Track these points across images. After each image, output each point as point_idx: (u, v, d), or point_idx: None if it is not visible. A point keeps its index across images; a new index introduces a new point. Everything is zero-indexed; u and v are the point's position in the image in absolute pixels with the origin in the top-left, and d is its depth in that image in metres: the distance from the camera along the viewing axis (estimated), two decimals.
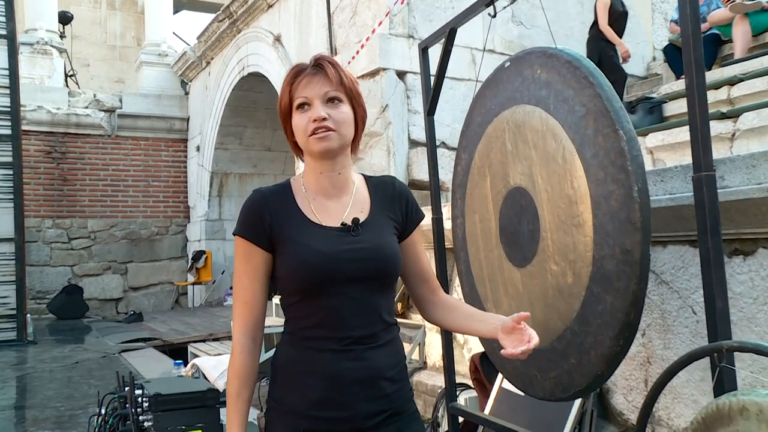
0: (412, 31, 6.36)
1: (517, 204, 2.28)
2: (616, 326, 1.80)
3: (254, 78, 9.82)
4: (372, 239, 1.56)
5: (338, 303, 1.50)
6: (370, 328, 1.53)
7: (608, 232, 1.82)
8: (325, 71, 1.55)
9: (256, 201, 1.58)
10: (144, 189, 12.60)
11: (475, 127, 2.58)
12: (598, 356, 1.85)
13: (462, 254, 2.73)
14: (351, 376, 1.50)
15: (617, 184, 1.78)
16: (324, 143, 1.53)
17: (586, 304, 1.91)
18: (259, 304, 1.59)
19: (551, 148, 2.06)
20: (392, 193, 1.67)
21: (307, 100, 1.54)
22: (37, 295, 11.47)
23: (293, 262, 1.52)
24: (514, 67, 2.30)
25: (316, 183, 1.60)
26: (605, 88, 1.83)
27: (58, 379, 6.21)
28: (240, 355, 1.56)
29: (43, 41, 12.31)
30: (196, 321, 9.74)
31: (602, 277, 1.84)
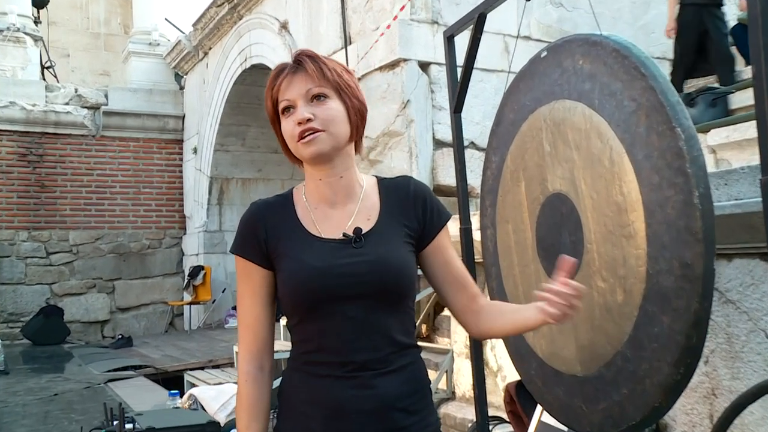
0: (436, 17, 6.39)
1: (557, 212, 2.28)
2: (675, 351, 1.79)
3: (258, 70, 9.89)
4: (376, 251, 1.57)
5: (337, 324, 1.53)
6: (378, 352, 1.54)
7: (664, 244, 1.81)
8: (305, 67, 1.57)
9: (251, 214, 1.63)
10: (134, 196, 12.70)
11: (507, 125, 2.58)
12: (655, 385, 1.85)
13: (493, 269, 2.73)
14: (355, 406, 1.52)
15: (674, 189, 1.78)
16: (313, 147, 1.55)
17: (639, 326, 1.91)
18: (264, 328, 1.62)
19: (596, 149, 2.07)
20: (407, 195, 1.67)
21: (290, 103, 1.57)
22: (9, 317, 11.56)
23: (287, 279, 1.56)
24: (552, 57, 2.31)
25: (316, 191, 1.63)
26: (659, 79, 1.83)
27: (33, 414, 6.23)
28: (245, 384, 1.60)
29: (15, 27, 12.44)
30: (194, 346, 9.80)
31: (658, 295, 1.84)
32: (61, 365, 9.21)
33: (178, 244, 12.95)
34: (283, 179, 12.21)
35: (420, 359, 1.64)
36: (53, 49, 15.18)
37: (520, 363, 2.61)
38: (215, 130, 11.59)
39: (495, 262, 2.70)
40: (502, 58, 6.60)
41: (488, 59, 6.37)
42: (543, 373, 2.42)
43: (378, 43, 6.38)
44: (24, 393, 7.17)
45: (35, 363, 9.40)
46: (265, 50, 9.33)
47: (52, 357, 9.94)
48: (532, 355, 2.47)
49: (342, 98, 1.58)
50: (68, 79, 15.22)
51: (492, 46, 6.44)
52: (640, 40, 7.07)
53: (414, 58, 6.23)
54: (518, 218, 2.50)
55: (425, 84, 6.28)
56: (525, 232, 2.47)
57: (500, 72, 6.57)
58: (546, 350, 2.39)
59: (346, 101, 1.59)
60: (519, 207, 2.49)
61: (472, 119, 6.19)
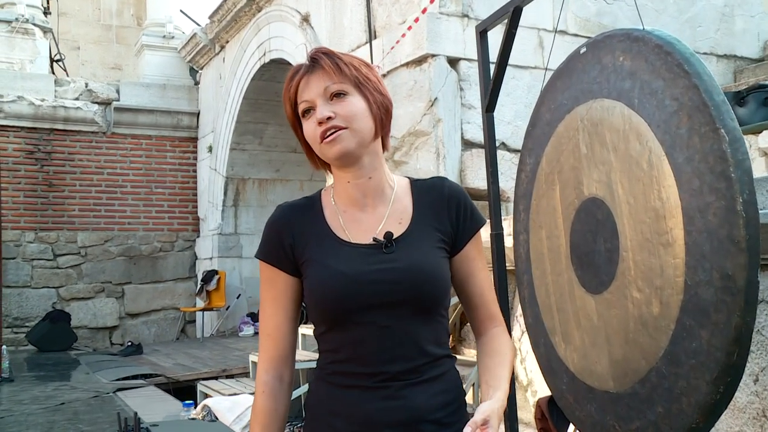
0: (466, 10, 6.40)
1: (593, 218, 2.28)
2: (714, 368, 1.79)
3: (277, 65, 9.94)
4: (408, 256, 1.58)
5: (367, 333, 1.55)
6: (410, 362, 1.56)
7: (704, 254, 1.81)
8: (321, 65, 1.59)
9: (277, 218, 1.65)
10: (145, 197, 12.80)
11: (543, 125, 2.59)
12: (692, 405, 1.84)
13: (525, 277, 2.74)
14: (384, 418, 1.53)
15: (716, 194, 1.78)
16: (337, 145, 1.56)
17: (676, 340, 1.90)
18: (286, 337, 1.65)
19: (635, 151, 2.07)
20: (440, 197, 1.68)
21: (309, 104, 1.59)
22: (14, 322, 11.63)
23: (314, 286, 1.58)
24: (591, 54, 2.32)
25: (345, 194, 1.65)
26: (704, 77, 1.83)
27: (39, 424, 6.27)
28: (262, 395, 1.62)
29: (24, 18, 12.54)
30: (206, 354, 9.86)
31: (697, 308, 1.83)
32: (67, 373, 9.29)
33: (191, 247, 13.02)
34: (302, 180, 12.25)
35: (454, 369, 1.66)
36: (63, 42, 15.32)
37: (551, 377, 2.61)
38: (231, 127, 11.65)
39: (527, 270, 2.71)
40: (536, 53, 6.59)
41: (521, 55, 6.36)
42: (575, 388, 2.42)
43: (404, 38, 6.39)
44: (29, 401, 7.23)
45: (41, 370, 9.49)
46: (285, 44, 9.38)
47: (58, 364, 10.02)
48: (564, 369, 2.48)
49: (362, 93, 1.59)
50: (78, 72, 15.35)
51: (525, 41, 6.43)
52: (685, 34, 7.04)
53: (442, 53, 6.24)
54: (552, 224, 2.51)
55: (454, 81, 6.29)
56: (559, 239, 2.47)
57: (533, 69, 6.56)
58: (578, 364, 2.39)
59: (367, 96, 1.60)
60: (553, 212, 2.50)
61: (503, 118, 6.19)
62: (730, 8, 7.49)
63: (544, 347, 2.63)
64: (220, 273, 11.89)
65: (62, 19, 16.15)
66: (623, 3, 6.99)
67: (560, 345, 2.50)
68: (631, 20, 6.72)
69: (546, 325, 2.60)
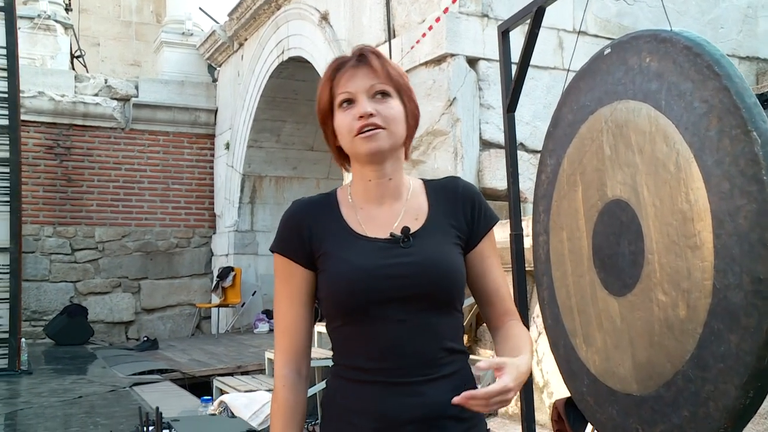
0: (486, 9, 6.38)
1: (616, 220, 2.27)
2: (743, 373, 1.77)
3: (295, 63, 9.96)
4: (425, 251, 1.59)
5: (385, 327, 1.54)
6: (426, 357, 1.56)
7: (734, 257, 1.79)
8: (369, 63, 1.60)
9: (294, 212, 1.65)
10: (162, 193, 12.85)
11: (564, 126, 2.57)
12: (720, 409, 1.83)
13: (545, 279, 2.72)
14: (404, 415, 1.53)
15: (747, 197, 1.76)
16: (373, 143, 1.57)
17: (703, 344, 1.88)
18: (302, 331, 1.64)
19: (661, 153, 2.05)
20: (455, 195, 1.70)
21: (351, 96, 1.59)
22: (32, 315, 11.68)
23: (332, 279, 1.58)
24: (615, 55, 2.30)
25: (364, 192, 1.65)
26: (735, 79, 1.81)
27: (57, 416, 6.30)
28: (283, 389, 1.61)
29: (46, 15, 12.63)
30: (221, 351, 9.89)
31: (725, 312, 1.82)
32: (84, 367, 9.33)
33: (207, 244, 13.06)
34: (318, 178, 12.25)
35: (468, 366, 1.66)
36: (83, 38, 15.39)
37: (571, 379, 2.59)
38: (249, 125, 11.68)
39: (547, 271, 2.69)
40: (555, 54, 6.56)
41: (541, 55, 6.33)
42: (596, 390, 2.40)
43: (424, 37, 6.38)
44: (48, 394, 7.26)
45: (58, 363, 9.54)
46: (304, 42, 9.38)
47: (76, 358, 10.07)
48: (585, 371, 2.46)
49: (402, 99, 1.62)
50: (98, 69, 15.44)
51: (545, 41, 6.41)
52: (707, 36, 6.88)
53: (461, 53, 6.23)
54: (574, 225, 2.49)
55: (473, 81, 6.27)
56: (581, 240, 2.45)
57: (553, 69, 6.54)
58: (600, 367, 2.38)
59: (405, 102, 1.62)
60: (575, 214, 2.48)
61: (522, 119, 6.17)
62: (754, 9, 7.44)
63: (564, 349, 2.61)
64: (235, 270, 11.91)
65: (83, 15, 16.22)
66: (644, 4, 6.95)
67: (581, 347, 2.48)
68: (652, 21, 6.68)
69: (566, 326, 2.58)
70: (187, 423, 3.09)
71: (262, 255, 12.20)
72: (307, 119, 11.73)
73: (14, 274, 8.94)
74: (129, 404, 6.60)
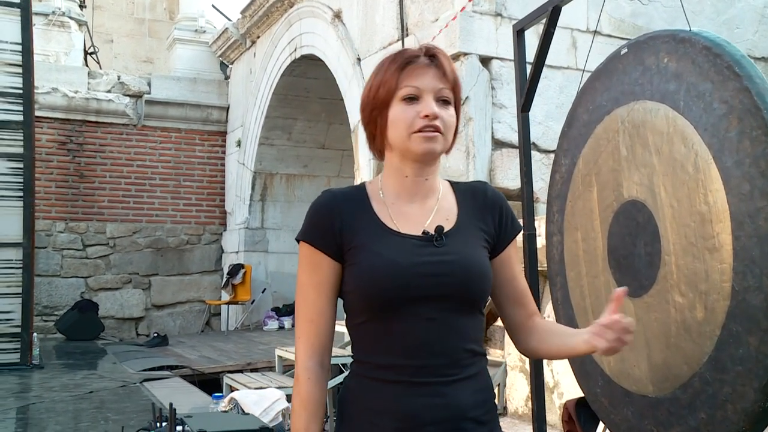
0: (500, 8, 6.37)
1: (632, 221, 2.26)
2: (763, 376, 1.77)
3: (308, 61, 9.96)
4: (459, 251, 1.59)
5: (415, 325, 1.54)
6: (452, 357, 1.56)
7: (754, 259, 1.78)
8: (441, 65, 1.60)
9: (326, 202, 1.63)
10: (174, 189, 12.87)
11: (579, 126, 2.57)
12: (738, 412, 1.82)
13: (559, 279, 2.71)
14: (427, 416, 1.53)
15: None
16: (430, 144, 1.57)
17: (721, 347, 1.88)
18: (328, 323, 1.63)
19: (679, 154, 2.04)
20: (484, 200, 1.71)
21: (417, 93, 1.58)
22: (43, 310, 11.73)
23: (364, 273, 1.56)
24: (633, 55, 2.29)
25: (398, 187, 1.65)
26: (756, 80, 1.81)
27: (68, 411, 6.33)
28: (308, 382, 1.59)
29: (60, 11, 12.67)
30: (231, 347, 9.89)
31: (744, 314, 1.81)
32: (95, 362, 9.37)
33: (217, 241, 13.08)
34: (329, 176, 12.25)
35: (486, 368, 1.66)
36: (97, 35, 15.45)
37: (585, 380, 2.58)
38: (261, 122, 11.69)
39: (561, 272, 2.69)
40: (569, 54, 6.54)
41: (554, 55, 6.30)
42: (610, 392, 2.39)
43: (440, 33, 6.37)
44: (59, 389, 7.29)
45: (69, 358, 9.58)
46: (317, 40, 9.38)
47: (86, 353, 10.11)
48: (599, 372, 2.45)
49: (456, 110, 1.64)
50: (111, 65, 15.49)
51: (559, 41, 6.37)
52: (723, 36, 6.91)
53: (474, 52, 6.21)
54: (588, 226, 2.49)
55: (486, 80, 6.25)
56: (596, 241, 2.45)
57: (566, 69, 6.52)
58: (614, 368, 2.37)
59: (458, 114, 1.64)
60: (590, 214, 2.48)
61: (534, 118, 6.14)
62: None
63: None
64: (246, 267, 11.92)
65: (97, 12, 16.30)
66: (658, 4, 6.92)
67: None
68: (667, 21, 6.65)
69: (580, 327, 2.57)
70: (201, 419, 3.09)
71: (272, 252, 12.20)
72: (319, 117, 11.74)
73: (27, 269, 8.97)
74: (140, 400, 6.62)
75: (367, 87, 1.64)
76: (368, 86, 1.63)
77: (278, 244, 12.20)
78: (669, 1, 6.84)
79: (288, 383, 6.44)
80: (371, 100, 1.62)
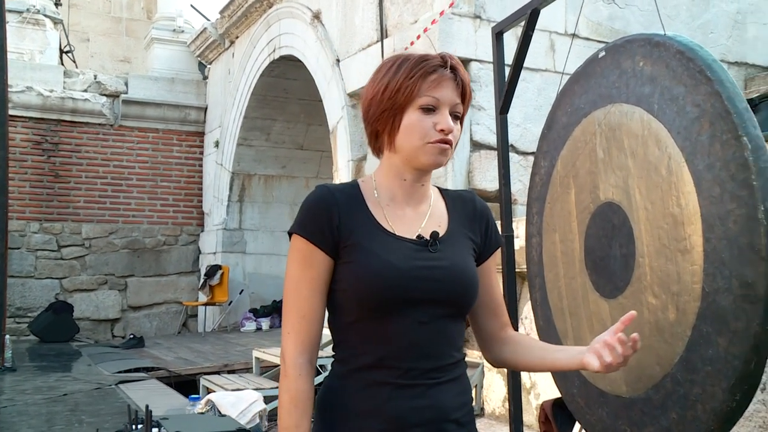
0: (479, 11, 6.40)
1: (608, 222, 2.29)
2: (731, 376, 1.79)
3: (287, 62, 9.96)
4: (451, 258, 1.63)
5: (407, 327, 1.56)
6: (439, 360, 1.59)
7: (724, 261, 1.81)
8: (460, 79, 1.63)
9: (324, 197, 1.62)
10: (151, 190, 12.82)
11: (558, 129, 2.59)
12: (707, 412, 1.85)
13: (537, 280, 2.74)
14: (413, 418, 1.55)
15: (737, 202, 1.78)
16: (441, 157, 1.62)
17: (692, 347, 1.91)
18: (318, 320, 1.62)
19: (653, 157, 2.07)
20: (472, 210, 1.75)
21: (437, 104, 1.60)
22: (17, 312, 11.62)
23: (360, 272, 1.56)
24: (610, 58, 2.31)
25: (395, 189, 1.67)
26: (726, 84, 1.84)
27: (41, 414, 6.26)
28: (299, 378, 1.58)
29: (35, 9, 12.56)
30: (208, 349, 9.87)
31: (714, 315, 1.84)
32: (69, 364, 9.29)
33: (195, 242, 13.04)
34: (308, 177, 12.26)
35: (466, 371, 1.69)
36: (73, 33, 15.33)
37: (562, 381, 2.61)
38: (239, 123, 11.67)
39: (539, 273, 2.71)
40: (547, 56, 6.59)
41: (532, 57, 6.32)
42: (586, 392, 2.42)
43: (419, 39, 6.39)
44: (32, 391, 7.21)
45: (43, 361, 9.50)
46: (296, 41, 9.38)
47: (61, 355, 10.03)
48: (575, 373, 2.47)
49: (461, 124, 1.67)
50: (87, 64, 15.37)
51: (537, 43, 6.42)
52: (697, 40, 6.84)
53: (454, 54, 6.22)
54: (566, 228, 2.51)
55: None
56: (573, 243, 2.47)
57: (544, 71, 6.56)
58: None
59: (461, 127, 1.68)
60: (568, 216, 2.50)
61: (513, 120, 6.18)
62: (743, 15, 7.49)
63: None
64: (223, 268, 11.89)
65: (72, 10, 16.18)
66: (635, 8, 6.99)
67: None
68: (643, 25, 6.72)
69: (558, 328, 2.60)
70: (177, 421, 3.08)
71: (250, 253, 12.19)
72: (298, 118, 11.73)
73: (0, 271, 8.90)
74: (115, 402, 6.58)
75: (380, 85, 1.62)
76: (381, 85, 1.62)
77: (256, 245, 12.19)
78: (646, 5, 6.91)
79: (265, 385, 6.45)
80: (386, 100, 1.61)
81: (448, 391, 1.59)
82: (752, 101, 5.80)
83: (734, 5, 7.52)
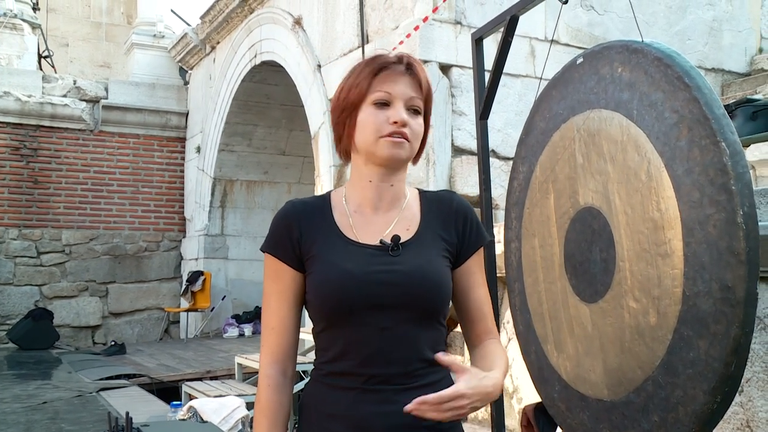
0: (459, 17, 6.42)
1: (588, 227, 2.29)
2: (712, 378, 1.80)
3: (268, 68, 9.95)
4: (413, 261, 1.61)
5: (368, 334, 1.56)
6: (406, 366, 1.58)
7: (703, 265, 1.82)
8: (416, 75, 1.64)
9: (286, 212, 1.66)
10: (132, 196, 12.75)
11: (537, 134, 2.60)
12: (689, 414, 1.85)
13: (517, 285, 2.74)
14: (380, 422, 1.55)
15: (716, 206, 1.79)
16: (396, 150, 1.60)
17: (673, 350, 1.91)
18: (289, 331, 1.65)
19: (633, 162, 2.08)
20: (449, 209, 1.73)
21: (389, 98, 1.61)
22: None
23: (318, 282, 1.59)
24: (588, 65, 2.33)
25: (361, 193, 1.67)
26: (704, 91, 1.85)
27: (20, 422, 6.22)
28: (267, 389, 1.62)
29: (12, 13, 12.51)
30: (190, 355, 9.84)
31: (695, 319, 1.85)
32: (49, 372, 9.22)
33: (176, 248, 12.99)
34: (290, 183, 12.26)
35: (449, 377, 1.66)
36: (52, 38, 15.27)
37: (543, 385, 2.61)
38: (220, 128, 11.64)
39: (519, 278, 2.72)
40: (527, 62, 6.62)
41: (512, 63, 6.39)
42: (567, 396, 2.42)
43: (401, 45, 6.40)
44: (10, 400, 7.16)
45: (22, 368, 9.43)
46: (277, 47, 9.37)
47: (40, 363, 9.95)
48: (556, 377, 2.48)
49: (426, 120, 1.67)
50: (66, 69, 15.31)
51: (517, 49, 6.46)
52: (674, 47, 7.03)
53: (434, 59, 6.26)
54: (546, 233, 2.52)
55: (445, 88, 6.30)
56: (552, 248, 2.48)
57: (525, 77, 6.59)
58: (571, 373, 2.40)
59: (426, 123, 1.68)
60: (547, 221, 2.51)
61: (494, 126, 6.21)
62: (719, 23, 7.57)
63: (535, 355, 2.63)
64: (205, 274, 11.85)
65: (51, 15, 16.10)
66: (614, 14, 7.04)
67: (552, 353, 2.50)
68: (622, 32, 6.77)
69: (538, 332, 2.60)
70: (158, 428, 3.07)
71: (232, 259, 12.16)
72: (280, 123, 11.72)
73: None
74: (96, 410, 6.54)
75: (339, 88, 1.66)
76: (340, 88, 1.65)
77: (238, 250, 12.16)
78: (624, 12, 6.97)
79: (248, 391, 6.43)
80: (341, 102, 1.64)
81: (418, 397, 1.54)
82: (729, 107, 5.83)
83: (710, 13, 7.61)
